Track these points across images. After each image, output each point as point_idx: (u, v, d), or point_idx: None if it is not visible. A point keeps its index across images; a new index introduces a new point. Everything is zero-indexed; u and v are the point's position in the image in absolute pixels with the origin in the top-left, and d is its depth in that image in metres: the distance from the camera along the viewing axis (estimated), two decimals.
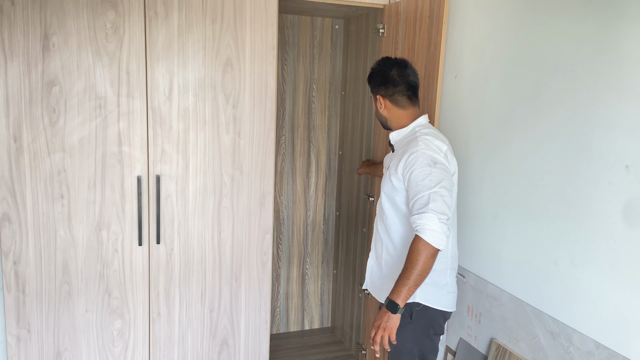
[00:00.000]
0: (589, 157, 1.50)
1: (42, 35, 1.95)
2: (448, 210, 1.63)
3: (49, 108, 1.99)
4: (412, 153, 1.69)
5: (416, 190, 1.65)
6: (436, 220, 1.58)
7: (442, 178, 1.64)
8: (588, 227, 1.51)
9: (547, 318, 1.64)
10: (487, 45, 1.91)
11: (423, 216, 1.60)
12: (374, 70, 1.87)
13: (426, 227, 1.59)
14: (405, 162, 1.70)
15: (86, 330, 2.17)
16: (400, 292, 1.60)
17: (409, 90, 1.82)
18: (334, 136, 3.19)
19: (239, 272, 2.38)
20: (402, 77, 1.81)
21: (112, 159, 2.10)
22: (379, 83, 1.83)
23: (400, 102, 1.83)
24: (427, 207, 1.60)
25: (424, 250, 1.58)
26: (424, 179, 1.64)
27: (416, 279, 1.59)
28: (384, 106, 1.84)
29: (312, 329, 3.35)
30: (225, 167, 2.28)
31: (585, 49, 1.51)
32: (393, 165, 1.77)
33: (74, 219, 2.09)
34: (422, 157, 1.67)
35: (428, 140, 1.71)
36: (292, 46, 3.01)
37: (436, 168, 1.65)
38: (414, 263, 1.58)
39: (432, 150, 1.69)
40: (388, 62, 1.85)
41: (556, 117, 1.61)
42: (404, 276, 1.60)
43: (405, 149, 1.74)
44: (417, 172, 1.65)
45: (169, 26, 2.09)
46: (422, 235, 1.59)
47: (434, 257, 1.61)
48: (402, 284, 1.60)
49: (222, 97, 2.22)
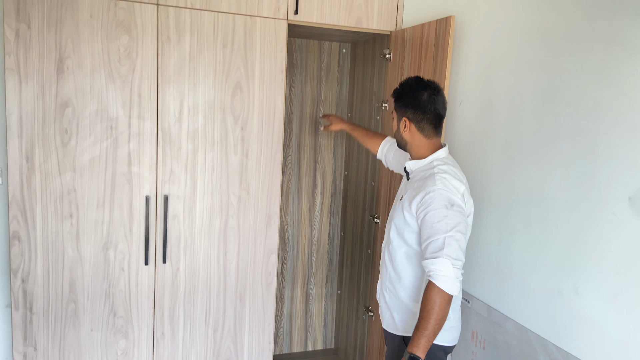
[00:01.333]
0: (592, 187, 1.52)
1: (57, 58, 2.00)
2: (462, 255, 1.59)
3: (61, 129, 2.03)
4: (429, 192, 1.62)
5: (430, 232, 1.59)
6: (450, 266, 1.55)
7: (458, 222, 1.59)
8: (592, 256, 1.52)
9: (552, 346, 1.64)
10: (492, 73, 1.94)
11: (437, 261, 1.56)
12: (404, 88, 1.75)
13: (439, 274, 1.55)
14: (421, 200, 1.63)
15: (91, 349, 2.18)
16: (420, 344, 1.55)
17: (436, 119, 1.72)
18: (340, 157, 3.23)
19: (244, 292, 2.39)
20: (432, 103, 1.70)
21: (122, 179, 2.13)
22: (408, 104, 1.72)
23: (425, 130, 1.73)
24: (442, 252, 1.56)
25: (438, 298, 1.54)
26: (439, 222, 1.58)
27: (434, 328, 1.55)
28: (407, 130, 1.75)
29: (315, 350, 3.34)
30: (233, 188, 2.31)
31: (590, 80, 1.53)
32: (407, 199, 1.71)
33: (82, 237, 2.11)
34: (439, 198, 1.60)
35: (446, 180, 1.64)
36: (300, 69, 3.06)
37: (453, 210, 1.59)
38: (430, 312, 1.54)
39: (450, 192, 1.61)
40: (422, 84, 1.72)
41: (560, 146, 1.63)
42: (421, 327, 1.56)
43: (421, 185, 1.67)
44: (433, 213, 1.59)
45: (180, 50, 2.14)
46: (436, 282, 1.55)
47: (449, 303, 1.57)
48: (420, 335, 1.56)
49: (230, 119, 2.26)
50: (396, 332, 1.81)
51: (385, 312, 1.87)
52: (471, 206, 1.73)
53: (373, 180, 2.79)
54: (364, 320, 2.88)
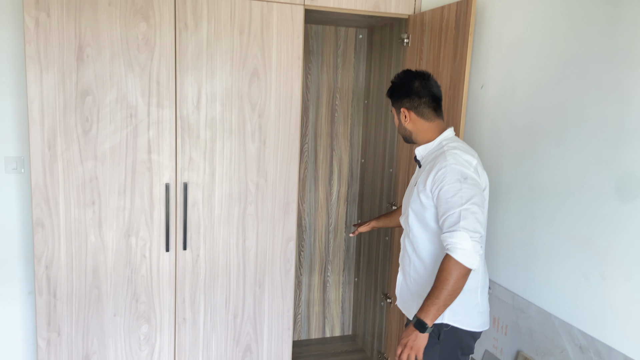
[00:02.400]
0: (619, 171, 1.49)
1: (76, 46, 2.01)
2: (480, 228, 1.56)
3: (82, 117, 2.05)
4: (441, 168, 1.62)
5: (446, 208, 1.59)
6: (468, 238, 1.53)
7: (473, 194, 1.57)
8: (619, 241, 1.50)
9: (576, 332, 1.63)
10: (515, 56, 1.91)
11: (454, 234, 1.54)
12: (395, 83, 1.81)
13: (457, 246, 1.53)
14: (434, 178, 1.63)
15: (114, 334, 2.22)
16: (429, 311, 1.54)
17: (433, 102, 1.76)
18: (357, 144, 3.21)
19: (263, 278, 2.40)
20: (425, 88, 1.75)
21: (142, 167, 2.15)
22: (402, 95, 1.77)
23: (425, 114, 1.76)
24: (458, 225, 1.54)
25: (455, 270, 1.52)
26: (454, 196, 1.57)
27: (446, 299, 1.54)
28: (408, 119, 1.78)
29: (333, 336, 3.35)
30: (251, 175, 2.31)
31: (616, 63, 1.50)
32: (421, 182, 1.70)
33: (104, 225, 2.14)
34: (452, 172, 1.60)
35: (457, 155, 1.64)
36: (316, 56, 3.04)
37: (466, 183, 1.58)
38: (444, 283, 1.53)
39: (462, 165, 1.61)
40: (410, 75, 1.79)
41: (585, 130, 1.60)
42: (433, 295, 1.55)
43: (432, 165, 1.67)
44: (447, 188, 1.59)
45: (198, 37, 2.14)
46: (453, 255, 1.53)
47: (466, 277, 1.55)
48: (431, 303, 1.54)
49: (248, 107, 2.26)
50: None
51: (412, 303, 1.83)
52: (486, 179, 1.72)
53: (390, 168, 2.77)
54: (382, 307, 2.88)
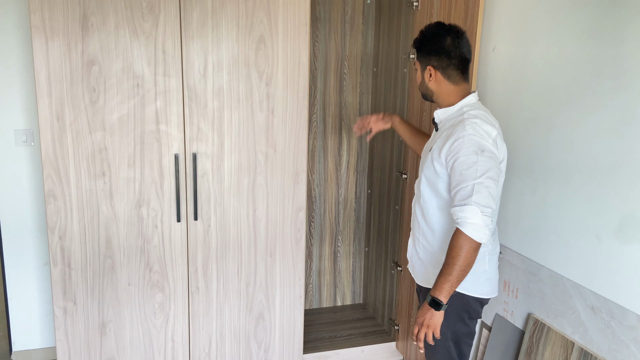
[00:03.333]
0: (635, 132, 1.46)
1: (81, 15, 1.98)
2: (492, 203, 1.54)
3: (89, 87, 2.04)
4: (458, 138, 1.57)
5: (459, 180, 1.55)
6: (479, 213, 1.51)
7: (488, 167, 1.54)
8: (633, 199, 1.47)
9: (588, 293, 1.62)
10: (528, 15, 1.86)
11: (465, 209, 1.52)
12: (425, 35, 1.69)
13: (468, 221, 1.51)
14: (450, 147, 1.58)
15: (129, 302, 2.26)
16: (443, 289, 1.55)
17: (462, 64, 1.67)
18: (366, 114, 3.17)
19: (274, 248, 2.42)
20: (457, 47, 1.64)
21: (150, 138, 2.14)
22: (432, 52, 1.66)
23: (453, 76, 1.68)
24: (470, 199, 1.52)
25: (465, 244, 1.52)
26: (468, 168, 1.54)
27: (459, 275, 1.53)
28: (433, 78, 1.69)
29: (344, 305, 3.39)
30: (259, 145, 2.30)
31: (632, 14, 1.45)
32: (436, 148, 1.66)
33: (115, 196, 2.15)
34: (469, 143, 1.55)
35: (476, 125, 1.58)
36: (323, 22, 2.99)
37: (483, 156, 1.54)
38: (456, 258, 1.52)
39: (480, 136, 1.56)
40: (443, 29, 1.66)
41: (604, 88, 1.56)
42: (445, 272, 1.55)
43: (450, 132, 1.62)
44: (462, 159, 1.55)
45: (202, 4, 2.10)
46: (464, 229, 1.52)
47: (476, 251, 1.54)
48: (444, 280, 1.55)
49: (255, 75, 2.23)
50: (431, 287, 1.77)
51: (420, 268, 1.85)
52: (504, 151, 1.68)
53: (400, 137, 2.74)
54: (393, 275, 2.89)
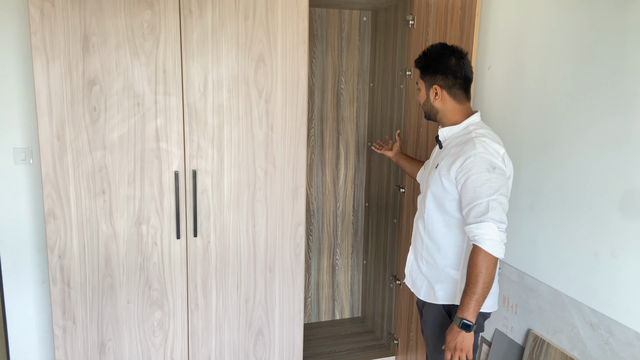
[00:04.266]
0: (630, 148, 1.49)
1: (82, 35, 2.00)
2: (506, 218, 1.58)
3: (89, 107, 2.05)
4: (470, 157, 1.60)
5: (473, 197, 1.58)
6: (495, 229, 1.54)
7: (500, 184, 1.58)
8: (630, 218, 1.50)
9: (587, 309, 1.64)
10: (522, 35, 1.89)
11: (482, 225, 1.55)
12: (430, 55, 1.73)
13: (486, 237, 1.54)
14: (462, 165, 1.62)
15: (128, 321, 2.25)
16: (470, 308, 1.57)
17: (465, 84, 1.72)
18: (363, 128, 3.20)
19: (273, 263, 2.42)
20: (461, 68, 1.69)
21: (151, 155, 2.15)
22: (438, 71, 1.70)
23: (458, 95, 1.72)
24: (487, 216, 1.55)
25: (485, 261, 1.54)
26: (482, 185, 1.57)
27: (483, 292, 1.56)
28: (439, 97, 1.72)
29: (343, 318, 3.39)
30: (259, 161, 2.32)
31: (628, 37, 1.48)
32: (444, 166, 1.69)
33: (115, 213, 2.15)
34: (481, 161, 1.58)
35: (486, 143, 1.62)
36: (320, 39, 3.02)
37: (495, 174, 1.58)
38: (479, 276, 1.55)
39: (491, 155, 1.60)
40: (448, 49, 1.71)
41: (597, 107, 1.59)
42: (470, 291, 1.57)
43: (460, 150, 1.65)
44: (475, 177, 1.58)
45: (203, 24, 2.13)
46: (482, 246, 1.54)
47: (496, 266, 1.57)
48: (470, 299, 1.57)
49: (255, 92, 2.25)
50: (436, 302, 1.80)
51: (422, 284, 1.86)
52: (511, 168, 1.72)
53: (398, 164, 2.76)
54: (391, 289, 2.91)
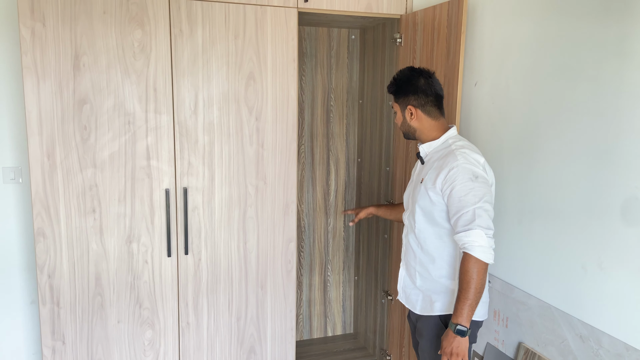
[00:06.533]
0: (614, 162, 1.52)
1: (72, 55, 2.02)
2: (492, 224, 1.63)
3: (80, 125, 2.06)
4: (453, 168, 1.67)
5: (459, 206, 1.64)
6: (484, 235, 1.60)
7: (484, 192, 1.64)
8: (616, 231, 1.53)
9: (576, 322, 1.66)
10: (507, 53, 1.94)
11: (470, 233, 1.60)
12: (401, 79, 1.82)
13: (475, 244, 1.59)
14: (446, 177, 1.68)
15: (118, 340, 2.23)
16: (464, 314, 1.61)
17: (437, 101, 1.80)
18: (353, 144, 3.23)
19: (265, 280, 2.42)
20: (430, 86, 1.78)
21: (141, 173, 2.16)
22: (409, 92, 1.79)
23: (432, 112, 1.80)
24: (474, 224, 1.60)
25: (476, 267, 1.59)
26: (467, 194, 1.63)
27: (476, 297, 1.61)
28: (415, 117, 1.80)
29: (335, 335, 3.38)
30: (250, 178, 2.33)
31: (608, 54, 1.53)
32: (429, 179, 1.75)
33: (105, 232, 2.15)
34: (463, 171, 1.65)
35: (466, 154, 1.69)
36: (310, 57, 3.06)
37: (478, 182, 1.64)
38: (470, 282, 1.60)
39: (472, 164, 1.67)
40: (415, 72, 1.81)
41: (580, 122, 1.63)
42: (463, 297, 1.61)
43: (442, 163, 1.72)
44: (460, 187, 1.64)
45: (193, 43, 2.15)
46: (472, 253, 1.59)
47: (486, 271, 1.62)
48: (463, 305, 1.61)
49: (245, 110, 2.27)
50: (432, 314, 1.82)
51: (417, 298, 1.87)
52: (492, 176, 1.78)
53: (387, 166, 2.80)
54: (383, 305, 2.90)
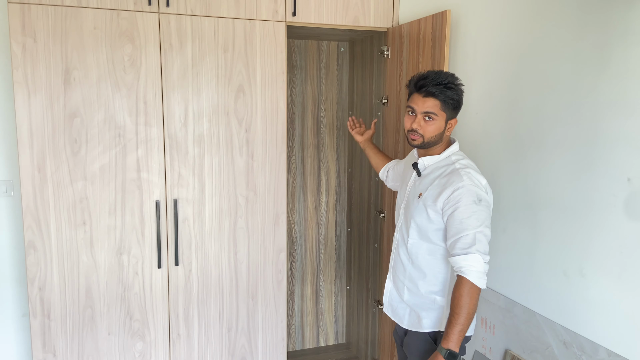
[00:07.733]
0: (592, 170, 1.56)
1: (63, 69, 2.04)
2: (488, 250, 1.63)
3: (70, 139, 2.08)
4: (458, 188, 1.63)
5: (460, 228, 1.61)
6: (481, 260, 1.58)
7: (486, 217, 1.62)
8: (595, 237, 1.56)
9: (559, 328, 1.68)
10: (490, 64, 1.98)
11: (468, 257, 1.59)
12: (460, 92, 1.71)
13: (472, 269, 1.58)
14: (449, 197, 1.64)
15: (109, 352, 2.23)
16: (454, 339, 1.59)
17: None
18: (343, 154, 3.27)
19: (256, 291, 2.43)
20: None
21: (132, 185, 2.18)
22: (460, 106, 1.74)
23: None
24: (474, 248, 1.58)
25: (471, 292, 1.58)
26: (469, 217, 1.60)
27: (468, 322, 1.60)
28: (451, 130, 1.75)
29: (328, 345, 3.38)
30: (240, 189, 2.35)
31: (586, 66, 1.57)
32: (430, 197, 1.70)
33: (96, 244, 2.16)
34: (468, 193, 1.62)
35: (471, 175, 1.66)
36: (299, 69, 3.10)
37: (481, 206, 1.62)
38: (464, 307, 1.58)
39: (477, 187, 1.64)
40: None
41: (560, 132, 1.67)
42: (455, 322, 1.59)
43: (446, 182, 1.67)
44: (463, 209, 1.61)
45: (183, 56, 2.19)
46: (469, 277, 1.58)
47: (479, 296, 1.61)
48: (455, 330, 1.59)
49: (235, 122, 2.31)
50: (421, 330, 1.79)
51: (404, 312, 1.85)
52: (491, 198, 1.75)
53: (377, 176, 2.83)
54: (375, 314, 2.92)
